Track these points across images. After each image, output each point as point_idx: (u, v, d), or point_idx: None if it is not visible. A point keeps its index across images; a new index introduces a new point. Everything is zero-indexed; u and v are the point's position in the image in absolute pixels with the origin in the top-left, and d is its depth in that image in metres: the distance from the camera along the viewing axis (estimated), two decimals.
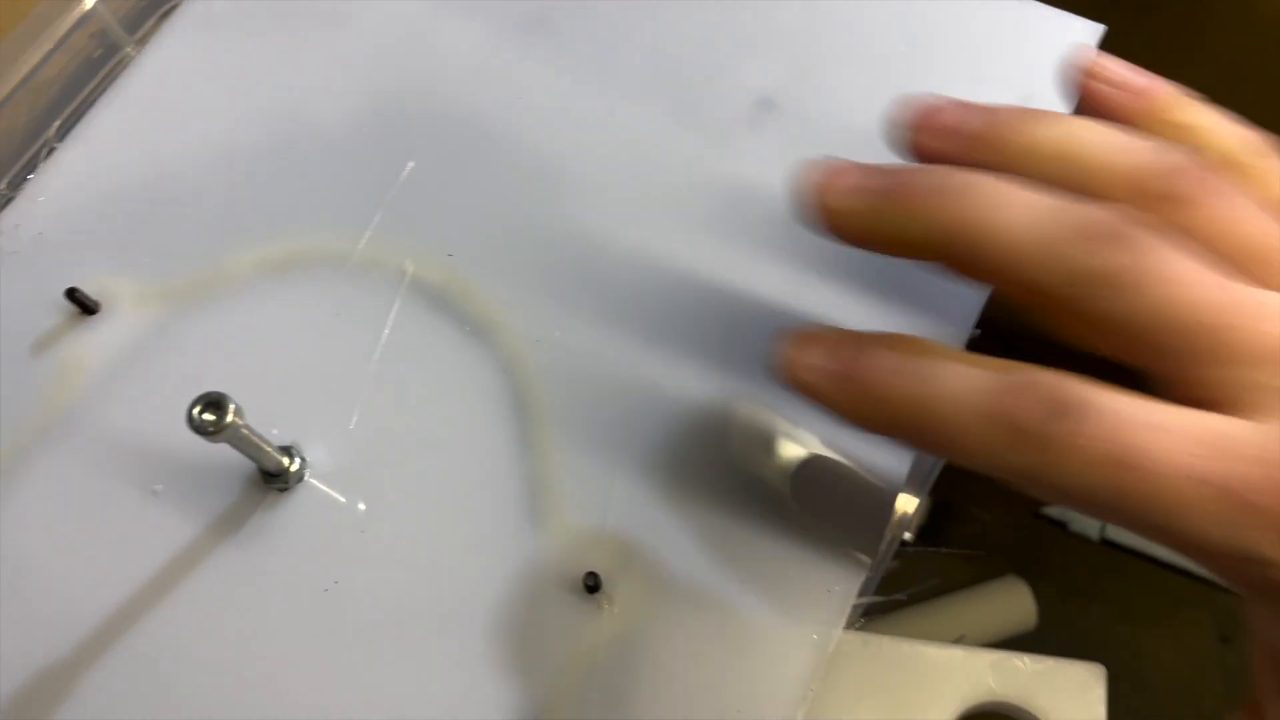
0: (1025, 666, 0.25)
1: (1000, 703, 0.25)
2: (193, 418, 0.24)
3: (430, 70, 0.33)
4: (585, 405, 0.29)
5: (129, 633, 0.27)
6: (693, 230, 0.31)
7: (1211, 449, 0.19)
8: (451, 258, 0.30)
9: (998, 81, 0.32)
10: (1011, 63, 0.32)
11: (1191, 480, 0.19)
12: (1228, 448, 0.19)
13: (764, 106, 0.32)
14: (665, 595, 0.26)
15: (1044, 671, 0.25)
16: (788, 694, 0.25)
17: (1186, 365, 0.20)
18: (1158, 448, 0.19)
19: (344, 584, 0.27)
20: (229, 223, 0.31)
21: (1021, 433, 0.20)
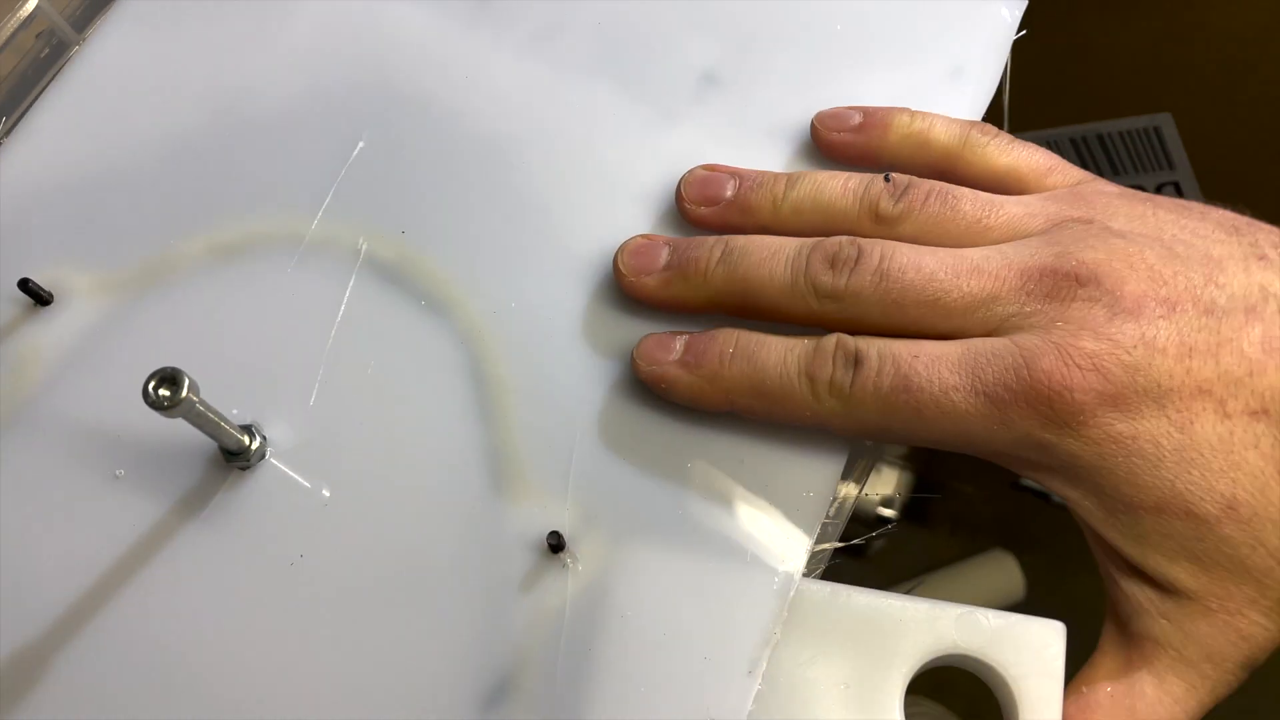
0: (988, 622, 0.25)
1: (963, 655, 0.25)
2: (149, 393, 0.24)
3: (377, 51, 0.33)
4: (543, 371, 0.29)
5: (98, 615, 0.27)
6: (641, 200, 0.31)
7: (970, 367, 0.24)
8: (404, 234, 0.31)
9: (929, 56, 0.33)
10: (941, 39, 0.33)
11: (960, 394, 0.24)
12: (982, 362, 0.24)
13: (707, 81, 0.33)
14: (628, 550, 0.27)
15: (1006, 627, 0.25)
16: (752, 638, 0.26)
17: (936, 324, 0.26)
18: (925, 371, 0.25)
19: (309, 557, 0.27)
20: (180, 209, 0.31)
21: (829, 383, 0.25)
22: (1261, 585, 0.24)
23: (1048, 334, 0.24)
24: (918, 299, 0.26)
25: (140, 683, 0.26)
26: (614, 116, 0.32)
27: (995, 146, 0.30)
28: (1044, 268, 0.25)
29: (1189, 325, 0.24)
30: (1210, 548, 0.24)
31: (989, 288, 0.25)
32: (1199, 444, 0.23)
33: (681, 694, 0.25)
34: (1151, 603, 0.25)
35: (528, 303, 0.30)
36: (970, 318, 0.25)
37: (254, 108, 0.33)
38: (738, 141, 0.32)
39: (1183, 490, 0.24)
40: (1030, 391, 0.24)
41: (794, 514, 0.27)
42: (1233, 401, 0.24)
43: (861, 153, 0.31)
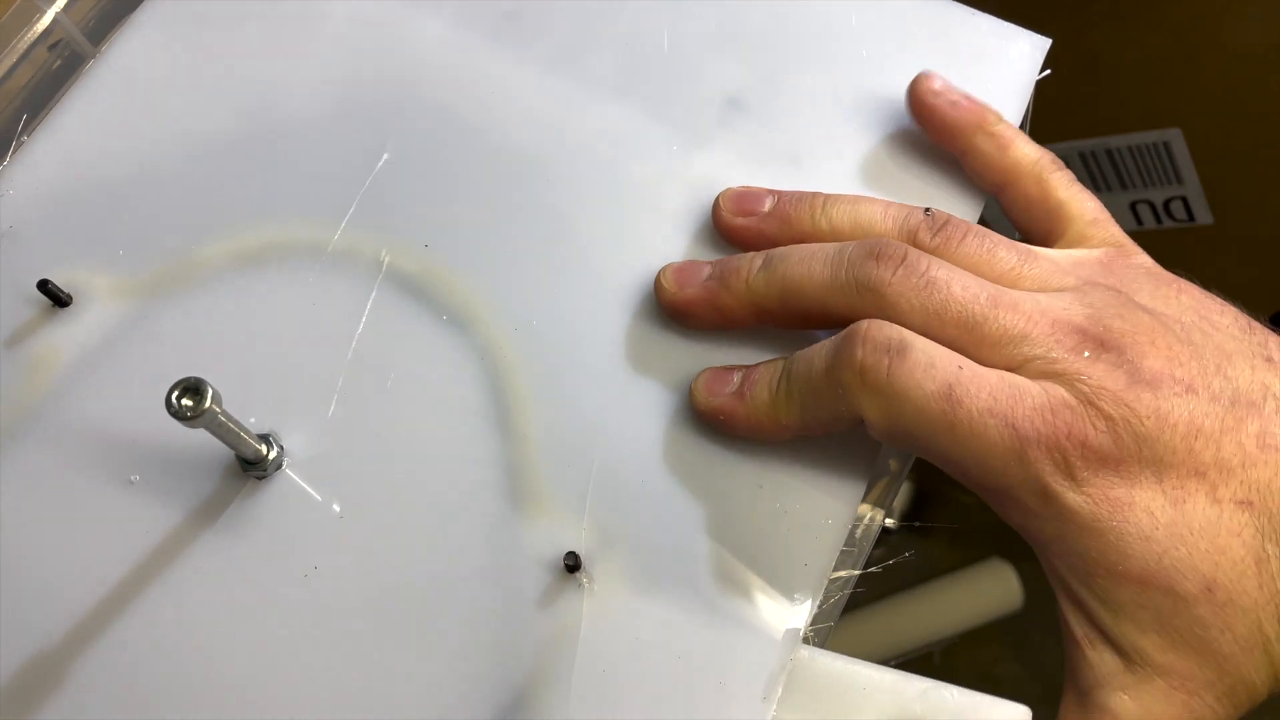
0: (953, 699, 0.25)
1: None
2: (171, 403, 0.24)
3: (403, 65, 0.33)
4: (563, 390, 0.29)
5: (110, 621, 0.27)
6: (664, 220, 0.31)
7: (1007, 397, 0.25)
8: (428, 248, 0.31)
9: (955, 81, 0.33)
10: (965, 75, 0.33)
11: (994, 420, 0.24)
12: (1017, 396, 0.25)
13: (732, 106, 0.33)
14: (644, 572, 0.27)
15: (970, 706, 0.25)
16: (768, 665, 0.26)
17: (967, 348, 0.26)
18: (970, 386, 0.25)
19: (324, 569, 0.27)
20: (202, 214, 0.31)
21: (866, 370, 0.25)
22: (1222, 670, 0.25)
23: (1072, 386, 0.25)
24: (957, 317, 0.26)
25: (154, 689, 0.26)
26: (639, 136, 0.32)
27: (1059, 179, 0.31)
28: (1074, 324, 0.26)
29: (1200, 408, 0.25)
30: (1183, 625, 0.24)
31: (1022, 326, 0.26)
32: (1189, 522, 0.24)
33: (695, 718, 0.25)
34: (1114, 675, 0.25)
35: (550, 320, 0.30)
36: (999, 351, 0.26)
37: (279, 117, 0.33)
38: (761, 166, 0.32)
39: (1168, 566, 0.24)
40: (1052, 437, 0.24)
41: (812, 541, 0.27)
42: (1224, 488, 0.24)
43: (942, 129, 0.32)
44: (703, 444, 0.28)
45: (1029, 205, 0.31)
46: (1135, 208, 0.62)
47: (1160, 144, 0.57)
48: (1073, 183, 0.31)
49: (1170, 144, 0.57)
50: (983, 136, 0.31)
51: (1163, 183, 0.60)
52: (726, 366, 0.29)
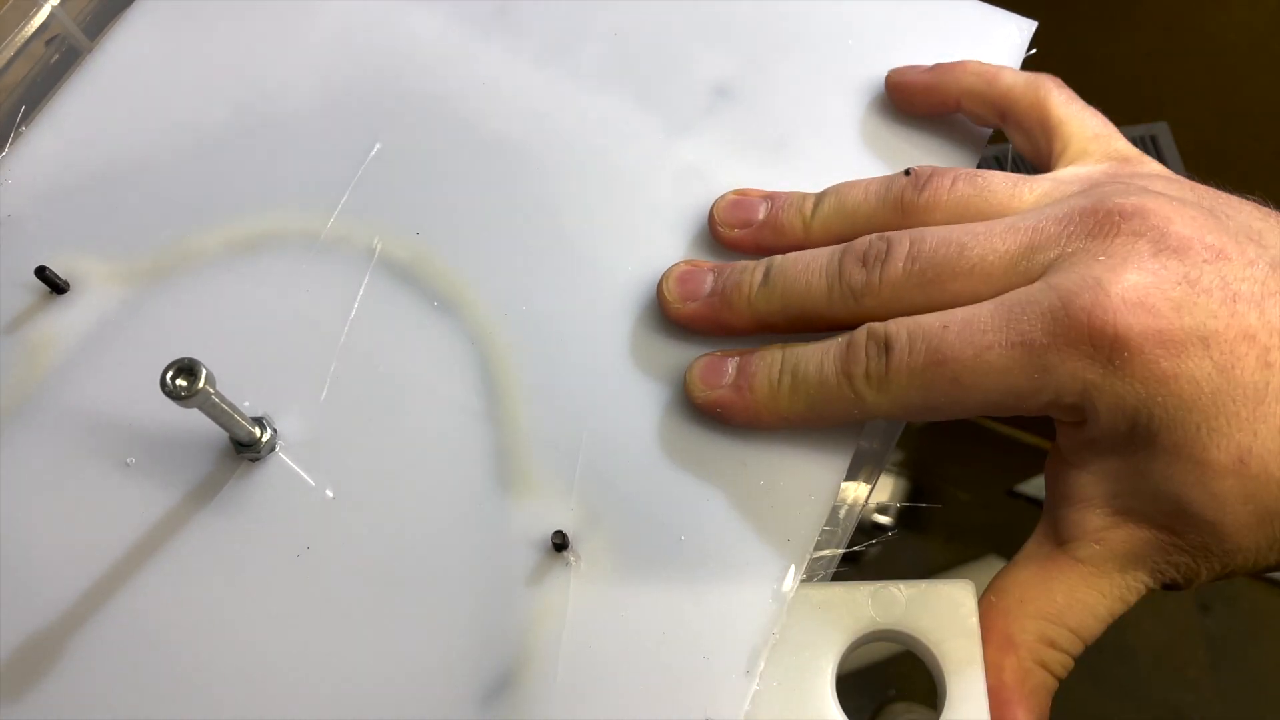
0: (901, 593, 0.26)
1: (883, 630, 0.26)
2: (166, 383, 0.25)
3: (395, 56, 0.34)
4: (552, 373, 0.30)
5: (108, 600, 0.27)
6: (652, 209, 0.32)
7: (1004, 321, 0.24)
8: (419, 235, 0.31)
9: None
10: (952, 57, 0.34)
11: (994, 350, 0.24)
12: (1018, 312, 0.24)
13: (719, 94, 0.34)
14: (630, 550, 0.27)
15: (918, 595, 0.26)
16: (751, 639, 0.26)
17: (980, 291, 0.25)
18: (956, 339, 0.24)
19: (316, 548, 0.28)
20: (197, 202, 0.32)
21: (865, 376, 0.26)
22: (1221, 538, 0.24)
23: (1088, 269, 0.24)
24: (955, 271, 0.25)
25: (149, 667, 0.27)
26: (627, 126, 0.33)
27: (1056, 97, 0.30)
28: (1084, 209, 0.25)
29: (1233, 273, 0.23)
30: (1203, 497, 0.23)
31: (1026, 240, 0.25)
32: (1234, 390, 0.23)
33: (680, 692, 0.26)
34: (1100, 530, 0.25)
35: (538, 306, 0.30)
36: (1013, 275, 0.25)
37: (273, 107, 0.33)
38: (748, 153, 0.33)
39: (1204, 437, 0.23)
40: (1070, 331, 0.23)
41: (795, 518, 0.27)
42: (1276, 352, 0.23)
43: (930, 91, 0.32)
44: (687, 423, 0.29)
45: (1029, 129, 0.30)
46: None
47: (1147, 138, 0.57)
48: (1071, 100, 0.30)
49: (1157, 138, 0.57)
50: (969, 77, 0.31)
51: None
52: (720, 354, 0.29)
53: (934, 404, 0.25)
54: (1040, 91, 0.30)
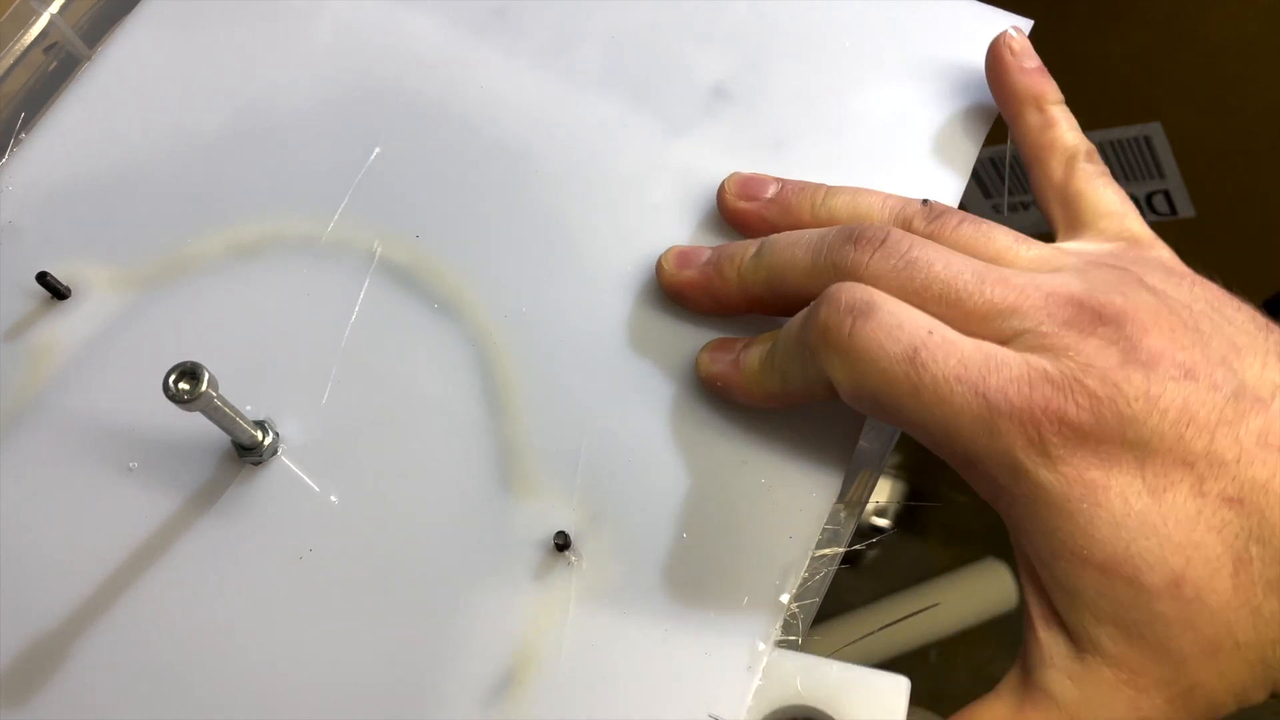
0: (833, 674, 0.26)
1: (805, 706, 0.26)
2: (169, 386, 0.25)
3: (394, 61, 0.34)
4: (552, 374, 0.30)
5: (111, 604, 0.28)
6: (651, 210, 0.32)
7: (980, 366, 0.24)
8: (419, 239, 0.31)
9: (937, 71, 0.34)
10: (950, 55, 0.34)
11: (962, 387, 0.24)
12: (992, 366, 0.24)
13: (717, 95, 0.34)
14: (632, 549, 0.27)
15: (850, 681, 0.26)
16: (753, 635, 0.26)
17: (952, 324, 0.25)
18: (938, 351, 0.24)
19: (319, 551, 0.28)
20: (198, 207, 0.32)
21: (829, 330, 0.25)
22: (1178, 670, 0.23)
23: (1057, 361, 0.24)
24: (940, 294, 0.25)
25: (153, 672, 0.27)
26: (625, 127, 0.33)
27: (1086, 170, 0.30)
28: (1070, 296, 0.25)
29: (1194, 396, 0.23)
30: (1143, 619, 0.23)
31: (1012, 300, 0.25)
32: (1165, 513, 0.23)
33: (682, 689, 0.26)
34: (1062, 659, 0.24)
35: (538, 307, 0.31)
36: (987, 325, 0.25)
37: (273, 112, 0.33)
38: (746, 154, 0.33)
39: (1135, 555, 0.23)
40: (1026, 410, 0.23)
41: (797, 515, 0.28)
42: (1212, 482, 0.23)
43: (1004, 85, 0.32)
44: (688, 422, 0.29)
45: (1050, 188, 0.31)
46: None
47: (1141, 138, 0.58)
48: (1100, 175, 0.30)
49: (1151, 138, 0.58)
50: (1033, 110, 0.31)
51: (1145, 177, 0.61)
52: (731, 338, 0.29)
53: (881, 401, 0.25)
54: (1074, 158, 0.30)
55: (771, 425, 0.29)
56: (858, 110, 0.33)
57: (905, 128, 0.33)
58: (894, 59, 0.34)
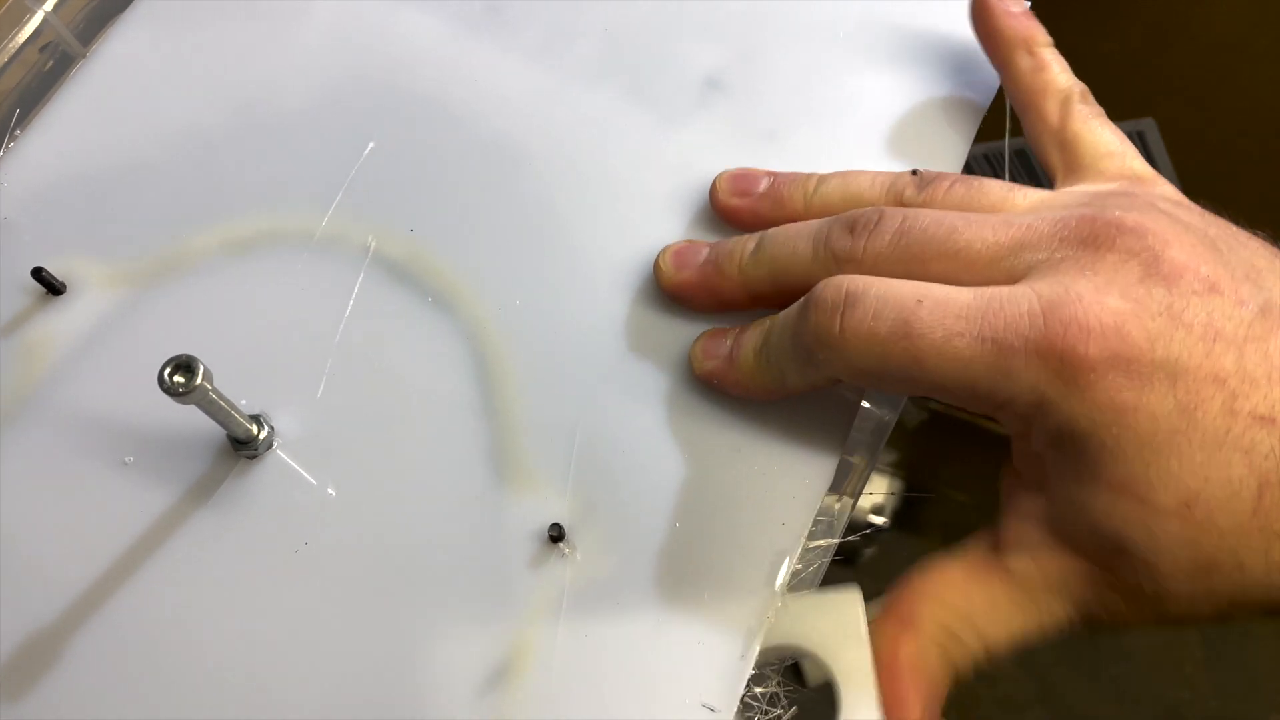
0: (790, 606, 0.26)
1: (775, 648, 0.26)
2: (164, 379, 0.25)
3: (388, 55, 0.34)
4: (547, 367, 0.30)
5: (108, 599, 0.28)
6: (646, 202, 0.32)
7: (981, 312, 0.23)
8: (413, 233, 0.32)
9: (932, 56, 0.34)
10: (945, 39, 0.34)
11: (965, 340, 0.23)
12: (996, 308, 0.23)
13: (711, 86, 0.34)
14: (625, 539, 0.28)
15: (808, 607, 0.26)
16: (746, 624, 0.26)
17: (959, 276, 0.25)
18: (930, 317, 0.23)
19: (314, 545, 0.28)
20: (193, 204, 0.32)
21: (820, 330, 0.25)
22: (1155, 582, 0.23)
23: (1073, 282, 0.23)
24: (939, 251, 0.25)
25: (149, 666, 0.27)
26: (619, 120, 0.33)
27: (1082, 111, 0.30)
28: (1082, 217, 0.24)
29: (1220, 310, 0.23)
30: (1139, 535, 0.23)
31: (1018, 236, 0.24)
32: (1192, 432, 0.22)
33: (676, 678, 0.26)
34: (1033, 545, 0.24)
35: (532, 300, 0.31)
36: (996, 268, 0.24)
37: (268, 107, 0.33)
38: (741, 145, 0.33)
39: (1151, 475, 0.22)
40: (1043, 342, 0.22)
41: (789, 501, 0.28)
42: (1243, 400, 0.22)
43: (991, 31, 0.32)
44: (681, 412, 0.29)
45: (1045, 131, 0.30)
46: None
47: (1134, 134, 0.58)
48: (1095, 117, 0.30)
49: (1144, 134, 0.58)
50: (1023, 54, 0.31)
51: None
52: (723, 329, 0.29)
53: (886, 374, 0.24)
54: (1069, 100, 0.30)
55: (764, 414, 0.29)
56: (851, 97, 0.33)
57: (899, 113, 0.33)
58: (891, 45, 0.34)
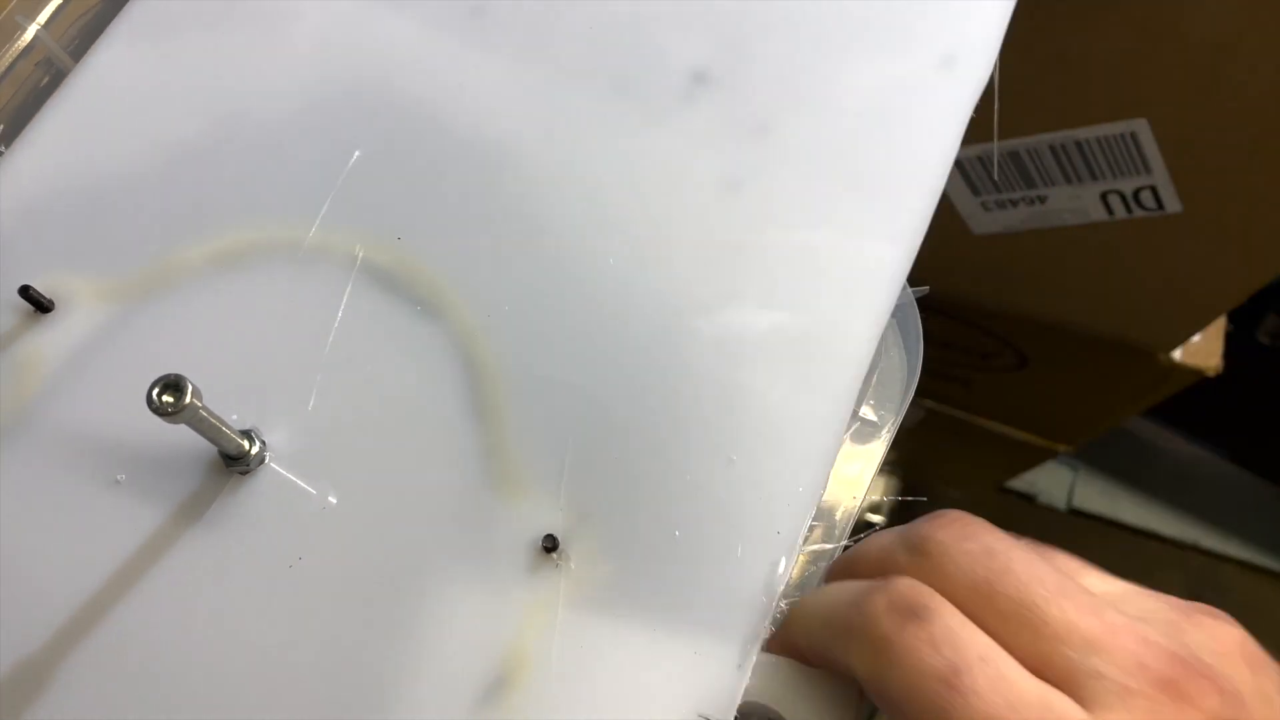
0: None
1: (755, 703, 0.25)
2: (152, 399, 0.25)
3: (372, 64, 0.34)
4: (537, 373, 0.30)
5: (100, 622, 0.27)
6: (635, 201, 0.32)
7: (1038, 714, 0.20)
8: (400, 241, 0.31)
9: (920, 45, 0.33)
10: (932, 27, 0.34)
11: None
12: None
13: (697, 81, 0.33)
14: (620, 548, 0.27)
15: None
16: (742, 633, 0.26)
17: (1028, 641, 0.21)
18: (985, 682, 0.20)
19: (308, 560, 0.28)
20: (179, 217, 0.32)
21: (872, 619, 0.22)
22: None
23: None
24: (1013, 598, 0.21)
25: (142, 687, 0.27)
26: (606, 119, 0.33)
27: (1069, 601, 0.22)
28: (1171, 653, 0.21)
29: None
30: None
31: (1096, 630, 0.21)
32: None
33: (673, 688, 0.26)
34: None
35: (522, 306, 0.30)
36: (1056, 651, 0.21)
37: (252, 119, 0.33)
38: (729, 139, 0.32)
39: None
40: None
41: (784, 509, 0.27)
42: None
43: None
44: (674, 421, 0.29)
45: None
46: (1106, 198, 0.63)
47: (1127, 134, 0.58)
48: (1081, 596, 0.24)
49: (1137, 134, 0.58)
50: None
51: (1131, 173, 0.61)
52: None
53: (901, 710, 0.21)
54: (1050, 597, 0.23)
55: (758, 422, 0.28)
56: (843, 89, 0.33)
57: (894, 103, 0.32)
58: (879, 35, 0.33)
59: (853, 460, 0.29)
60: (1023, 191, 0.64)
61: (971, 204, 0.67)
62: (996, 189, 0.65)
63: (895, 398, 0.30)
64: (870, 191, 0.31)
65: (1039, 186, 0.63)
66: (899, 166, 0.31)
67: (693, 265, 0.30)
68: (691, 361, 0.29)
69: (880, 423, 0.30)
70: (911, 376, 0.30)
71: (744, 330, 0.29)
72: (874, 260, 0.30)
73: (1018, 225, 0.68)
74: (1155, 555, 1.25)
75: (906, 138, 0.32)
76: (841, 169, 0.31)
